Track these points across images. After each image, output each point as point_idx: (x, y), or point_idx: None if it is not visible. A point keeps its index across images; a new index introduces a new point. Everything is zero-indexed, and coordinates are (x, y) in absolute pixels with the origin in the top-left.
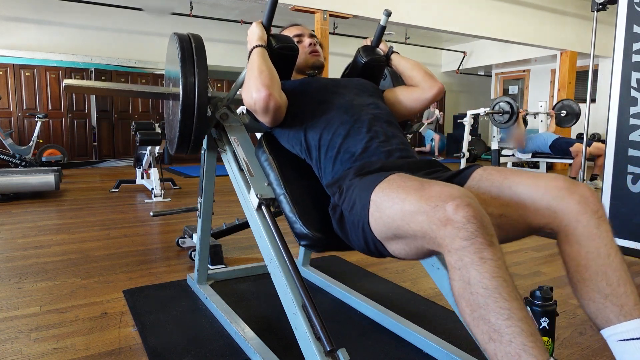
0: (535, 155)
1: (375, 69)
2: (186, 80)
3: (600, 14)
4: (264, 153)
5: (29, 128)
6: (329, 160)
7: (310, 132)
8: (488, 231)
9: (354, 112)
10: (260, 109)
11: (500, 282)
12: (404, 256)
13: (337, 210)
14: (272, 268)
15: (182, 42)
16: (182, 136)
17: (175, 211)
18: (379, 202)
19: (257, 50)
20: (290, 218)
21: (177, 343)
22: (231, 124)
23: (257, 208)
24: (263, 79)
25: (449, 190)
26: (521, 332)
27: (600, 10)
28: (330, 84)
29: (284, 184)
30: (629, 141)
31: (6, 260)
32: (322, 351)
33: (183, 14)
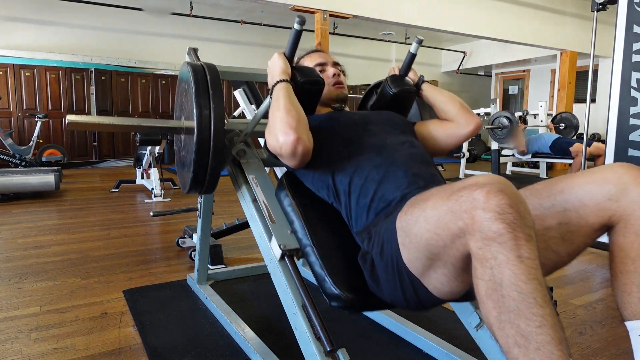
0: (535, 155)
1: (405, 100)
2: (201, 115)
3: (600, 14)
4: (287, 197)
5: (29, 128)
6: (362, 209)
7: (339, 176)
8: (527, 222)
9: (387, 153)
10: (287, 154)
11: (536, 285)
12: (447, 287)
13: (368, 259)
14: (272, 268)
15: (196, 74)
16: (196, 176)
17: (175, 211)
18: (404, 225)
19: (282, 85)
20: (319, 275)
21: (177, 343)
22: (249, 160)
23: (280, 259)
24: (290, 121)
25: (474, 179)
26: (551, 341)
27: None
28: (359, 120)
29: (310, 234)
30: (629, 141)
31: (6, 260)
32: (322, 351)
33: (183, 14)
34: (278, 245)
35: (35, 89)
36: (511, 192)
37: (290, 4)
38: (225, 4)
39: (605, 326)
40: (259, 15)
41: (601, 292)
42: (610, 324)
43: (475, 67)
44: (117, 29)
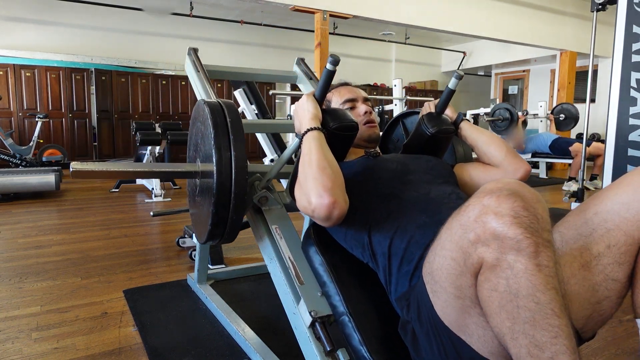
0: (535, 155)
1: (443, 141)
2: (221, 161)
3: (600, 14)
4: (317, 254)
5: (30, 128)
6: (404, 276)
7: (377, 236)
8: (545, 225)
9: (433, 209)
10: (320, 218)
11: (554, 294)
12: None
13: (409, 329)
14: (272, 268)
15: (214, 114)
16: (215, 228)
17: (175, 211)
18: (427, 268)
19: (314, 135)
20: (358, 351)
21: (177, 343)
22: (271, 207)
23: (310, 326)
24: (325, 181)
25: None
26: (565, 351)
27: (599, 11)
28: (398, 167)
29: (345, 300)
30: (629, 141)
31: (6, 260)
32: (322, 351)
33: (183, 14)
34: (308, 311)
35: (35, 89)
36: (525, 193)
37: (290, 4)
38: (225, 4)
39: (605, 326)
40: (259, 15)
41: None
42: (610, 323)
43: (475, 67)
44: (117, 29)
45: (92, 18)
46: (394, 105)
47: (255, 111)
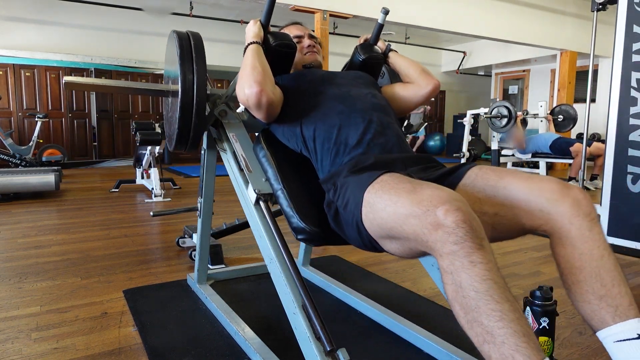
0: (535, 155)
1: (374, 66)
2: (185, 77)
3: (600, 14)
4: (262, 149)
5: (29, 128)
6: (327, 154)
7: (306, 124)
8: (478, 234)
9: (350, 102)
10: (253, 105)
11: (491, 284)
12: (399, 255)
13: (332, 207)
14: (272, 268)
15: (181, 40)
16: (181, 133)
17: (175, 211)
18: (372, 202)
19: (252, 47)
20: (287, 212)
21: (177, 343)
22: (230, 120)
23: (255, 203)
24: (255, 76)
25: (439, 194)
26: (514, 333)
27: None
28: (326, 75)
29: (281, 180)
30: (629, 141)
31: (6, 260)
32: (322, 351)
33: (183, 14)
34: (253, 190)
35: (35, 89)
36: (465, 210)
37: (290, 4)
38: (225, 4)
39: None
40: (259, 15)
41: None
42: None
43: (475, 67)
44: (117, 29)
45: (92, 18)
46: None
47: None
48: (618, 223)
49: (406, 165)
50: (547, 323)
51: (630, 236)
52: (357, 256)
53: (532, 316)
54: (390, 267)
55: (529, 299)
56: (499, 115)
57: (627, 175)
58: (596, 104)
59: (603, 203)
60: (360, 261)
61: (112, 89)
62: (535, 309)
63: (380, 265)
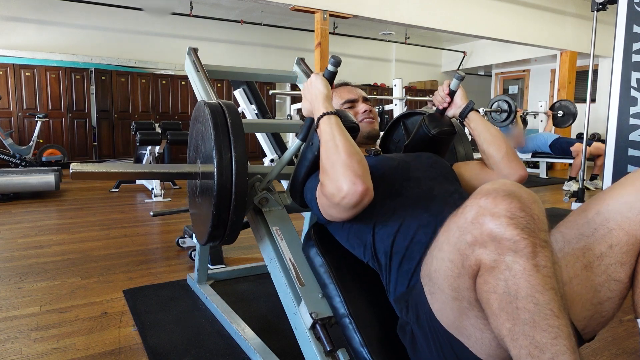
0: (535, 155)
1: (444, 142)
2: (221, 162)
3: (600, 14)
4: (318, 255)
5: (29, 128)
6: (405, 275)
7: (380, 234)
8: (542, 226)
9: (436, 208)
10: (348, 205)
11: (553, 295)
12: (487, 333)
13: (407, 330)
14: (273, 269)
15: (214, 116)
16: (215, 229)
17: (175, 211)
18: (426, 271)
19: (333, 120)
20: (359, 353)
21: (177, 343)
22: (271, 208)
23: (311, 327)
24: (356, 167)
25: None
26: (566, 351)
27: (600, 10)
28: (401, 165)
29: (346, 302)
30: (629, 141)
31: (6, 260)
32: (322, 351)
33: (183, 14)
34: (309, 313)
35: (35, 89)
36: (521, 194)
37: (290, 4)
38: (225, 4)
39: (605, 326)
40: (259, 15)
41: None
42: (610, 324)
43: (475, 67)
44: (117, 29)
45: (92, 18)
46: (394, 105)
47: (255, 111)
48: None
49: None
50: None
51: None
52: None
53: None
54: None
55: None
56: (499, 109)
57: None
58: (596, 104)
59: None
60: None
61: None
62: None
63: None
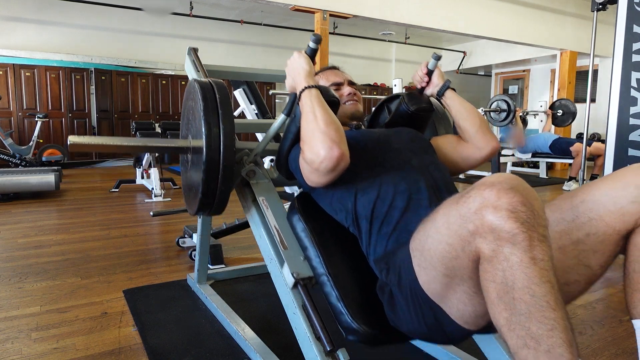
0: (535, 155)
1: (422, 118)
2: (210, 135)
3: (600, 14)
4: (300, 221)
5: (29, 128)
6: (383, 237)
7: (362, 200)
8: (541, 221)
9: (412, 177)
10: (326, 169)
11: (549, 288)
12: (470, 309)
13: (386, 290)
14: (272, 268)
15: (204, 91)
16: (205, 199)
17: (175, 211)
18: (417, 244)
19: (313, 92)
20: (335, 307)
21: (177, 343)
22: (258, 181)
23: (293, 287)
24: (332, 134)
25: (484, 179)
26: (562, 344)
27: (600, 10)
28: (382, 138)
29: (325, 262)
30: (629, 141)
31: (6, 260)
32: (322, 351)
33: (183, 14)
34: (291, 273)
35: (35, 89)
36: (524, 189)
37: (290, 4)
38: (225, 4)
39: (605, 326)
40: (259, 15)
41: (601, 292)
42: (610, 323)
43: (475, 67)
44: (117, 29)
45: (92, 18)
46: None
47: (255, 111)
48: None
49: None
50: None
51: None
52: None
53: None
54: None
55: None
56: (498, 109)
57: None
58: (596, 104)
59: None
60: None
61: (123, 148)
62: None
63: None
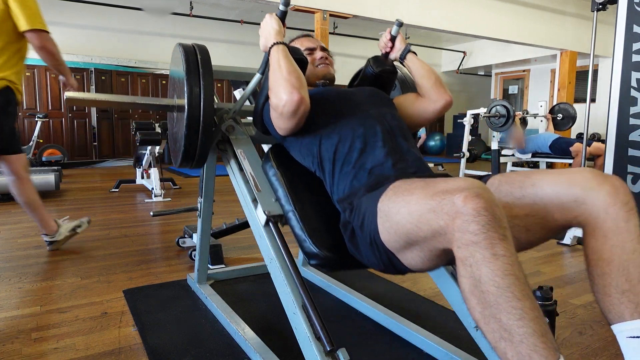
0: (535, 155)
1: (386, 80)
2: (191, 93)
3: (600, 14)
4: (272, 167)
5: (29, 128)
6: (345, 176)
7: (325, 145)
8: (501, 224)
9: (370, 123)
10: (288, 112)
11: (513, 280)
12: (420, 265)
13: (348, 227)
14: (272, 268)
15: (187, 53)
16: (187, 151)
17: (175, 211)
18: (386, 209)
19: (280, 47)
20: (299, 236)
21: (177, 343)
22: (237, 136)
23: (265, 225)
24: (293, 81)
25: (455, 183)
26: (533, 333)
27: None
28: (344, 93)
29: (292, 201)
30: (629, 141)
31: (6, 260)
32: (322, 351)
33: (183, 14)
34: (263, 211)
35: (35, 89)
36: (487, 197)
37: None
38: (225, 4)
39: (605, 326)
40: (259, 15)
41: None
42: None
43: (475, 67)
44: (117, 29)
45: (92, 18)
46: None
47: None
48: None
49: None
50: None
51: None
52: None
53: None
54: None
55: None
56: (497, 114)
57: (627, 175)
58: (596, 104)
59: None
60: None
61: (114, 104)
62: None
63: None
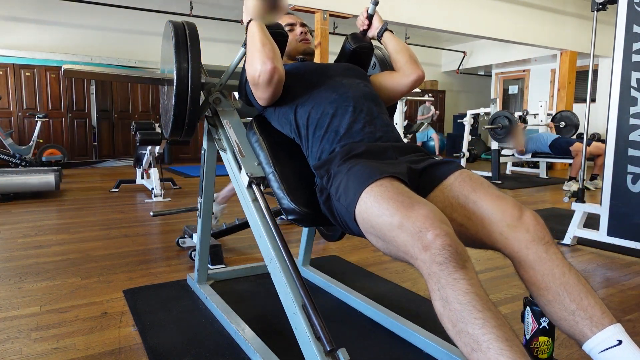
0: (535, 155)
1: (363, 56)
2: (180, 65)
3: (600, 14)
4: (255, 134)
5: (29, 128)
6: (317, 140)
7: (300, 112)
8: (461, 256)
9: (342, 90)
10: (263, 82)
11: (473, 296)
12: (380, 250)
13: (324, 193)
14: (272, 268)
15: (176, 30)
16: (176, 120)
17: (175, 211)
18: (368, 205)
19: (257, 23)
20: (278, 194)
21: (177, 343)
22: (224, 108)
23: (248, 186)
24: (267, 52)
25: (432, 217)
26: (497, 338)
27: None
28: (320, 67)
29: (273, 163)
30: (629, 141)
31: (6, 260)
32: (322, 351)
33: (183, 14)
34: (246, 173)
35: (35, 89)
36: (452, 235)
37: (290, 3)
38: (225, 3)
39: None
40: None
41: (601, 292)
42: None
43: (475, 67)
44: (117, 29)
45: (92, 18)
46: None
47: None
48: (618, 223)
49: (396, 154)
50: (547, 323)
51: (630, 236)
52: (357, 256)
53: (532, 316)
54: (390, 267)
55: (529, 299)
56: (500, 125)
57: (627, 175)
58: (596, 104)
59: (603, 203)
60: (360, 261)
61: (110, 77)
62: (535, 308)
63: (380, 265)
